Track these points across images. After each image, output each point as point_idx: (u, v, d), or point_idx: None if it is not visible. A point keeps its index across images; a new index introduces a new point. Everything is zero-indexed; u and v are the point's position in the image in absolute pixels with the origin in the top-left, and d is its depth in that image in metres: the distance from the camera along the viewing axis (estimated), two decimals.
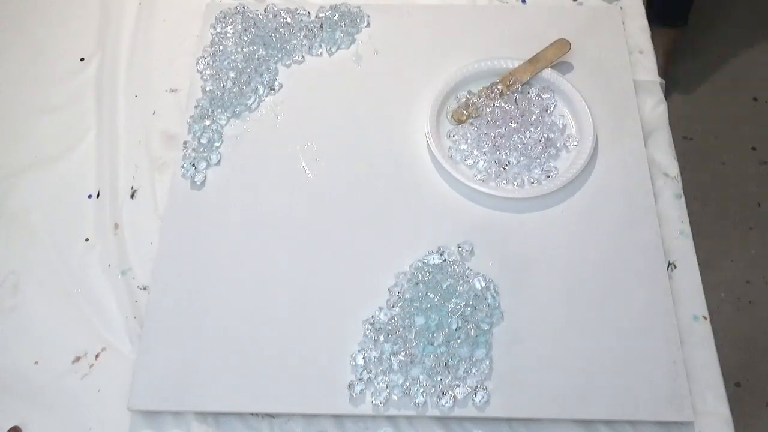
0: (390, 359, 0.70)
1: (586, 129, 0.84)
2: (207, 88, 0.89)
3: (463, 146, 0.84)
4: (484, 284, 0.74)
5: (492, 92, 0.86)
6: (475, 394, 0.68)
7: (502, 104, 0.85)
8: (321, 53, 0.94)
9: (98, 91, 0.93)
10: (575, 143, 0.84)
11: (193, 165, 0.83)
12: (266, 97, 0.90)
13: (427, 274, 0.74)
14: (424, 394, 0.69)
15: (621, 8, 0.97)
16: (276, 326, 0.73)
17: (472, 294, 0.73)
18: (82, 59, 0.95)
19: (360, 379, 0.69)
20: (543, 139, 0.83)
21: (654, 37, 0.96)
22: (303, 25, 0.94)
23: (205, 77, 0.90)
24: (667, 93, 1.01)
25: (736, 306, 1.47)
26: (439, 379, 0.69)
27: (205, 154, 0.84)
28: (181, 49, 0.96)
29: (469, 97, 0.86)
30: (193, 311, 0.74)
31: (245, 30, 0.93)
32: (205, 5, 0.98)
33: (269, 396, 0.70)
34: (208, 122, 0.86)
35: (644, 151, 0.84)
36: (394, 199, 0.81)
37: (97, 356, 0.74)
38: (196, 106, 0.88)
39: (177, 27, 0.98)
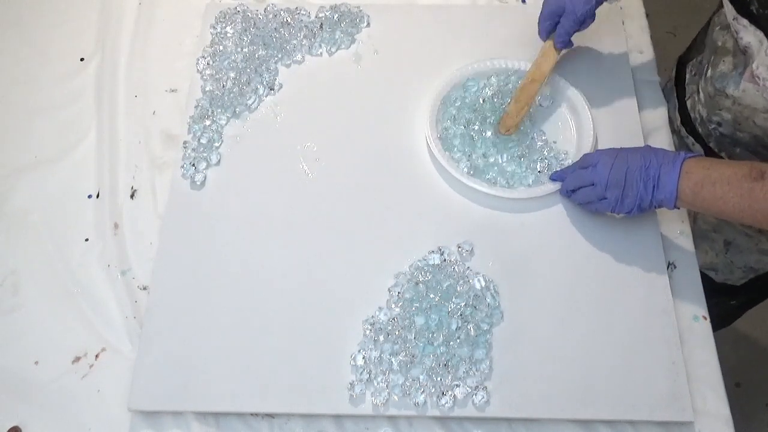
0: (390, 359, 0.70)
1: (586, 129, 0.84)
2: (207, 88, 0.89)
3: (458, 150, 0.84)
4: (484, 284, 0.74)
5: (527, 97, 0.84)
6: (475, 394, 0.68)
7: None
8: (321, 53, 0.94)
9: (98, 91, 0.93)
10: (573, 143, 0.84)
11: (193, 165, 0.83)
12: (266, 97, 0.90)
13: (427, 274, 0.74)
14: (424, 394, 0.69)
15: (621, 8, 0.97)
16: (276, 326, 0.73)
17: (472, 294, 0.73)
18: (82, 59, 0.95)
19: (360, 380, 0.69)
20: (542, 139, 0.83)
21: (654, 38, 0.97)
22: (303, 25, 0.94)
23: (205, 77, 0.90)
24: None
25: None
26: (439, 379, 0.69)
27: (205, 154, 0.84)
28: (181, 49, 0.96)
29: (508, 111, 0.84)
30: (193, 311, 0.74)
31: (245, 30, 0.93)
32: (205, 5, 0.98)
33: (269, 396, 0.70)
34: (208, 122, 0.86)
35: None
36: (394, 199, 0.81)
37: (97, 356, 0.74)
38: (196, 106, 0.88)
39: (177, 27, 0.98)
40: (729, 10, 0.72)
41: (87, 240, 0.81)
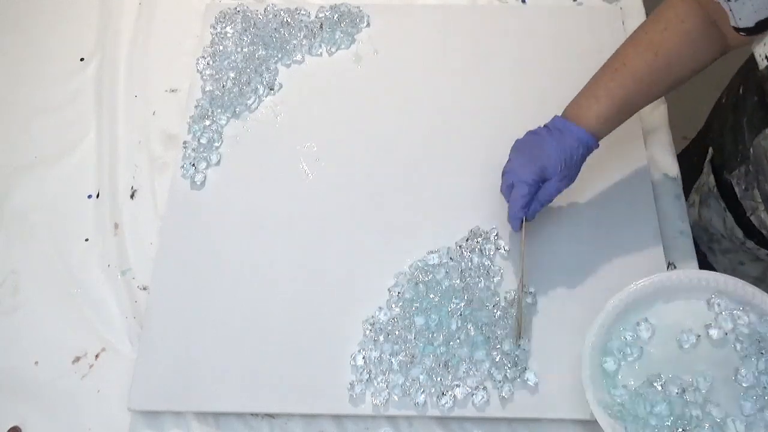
0: (390, 359, 0.70)
1: None
2: (207, 88, 0.89)
3: None
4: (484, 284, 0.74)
5: None
6: (475, 394, 0.68)
7: None
8: (321, 53, 0.94)
9: (98, 91, 0.93)
10: None
11: (193, 165, 0.83)
12: (266, 97, 0.90)
13: (428, 275, 0.74)
14: (424, 394, 0.69)
15: (621, 8, 0.97)
16: (276, 326, 0.73)
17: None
18: (82, 59, 0.95)
19: (360, 380, 0.69)
20: None
21: None
22: (303, 25, 0.94)
23: (205, 77, 0.90)
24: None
25: None
26: (439, 379, 0.69)
27: (205, 154, 0.84)
28: (181, 49, 0.96)
29: None
30: (193, 311, 0.74)
31: (245, 30, 0.93)
32: (205, 5, 0.98)
33: (269, 396, 0.70)
34: (208, 122, 0.86)
35: (644, 151, 0.84)
36: (394, 199, 0.81)
37: (97, 356, 0.74)
38: (196, 106, 0.88)
39: (177, 27, 0.98)
40: None
41: (87, 240, 0.81)
